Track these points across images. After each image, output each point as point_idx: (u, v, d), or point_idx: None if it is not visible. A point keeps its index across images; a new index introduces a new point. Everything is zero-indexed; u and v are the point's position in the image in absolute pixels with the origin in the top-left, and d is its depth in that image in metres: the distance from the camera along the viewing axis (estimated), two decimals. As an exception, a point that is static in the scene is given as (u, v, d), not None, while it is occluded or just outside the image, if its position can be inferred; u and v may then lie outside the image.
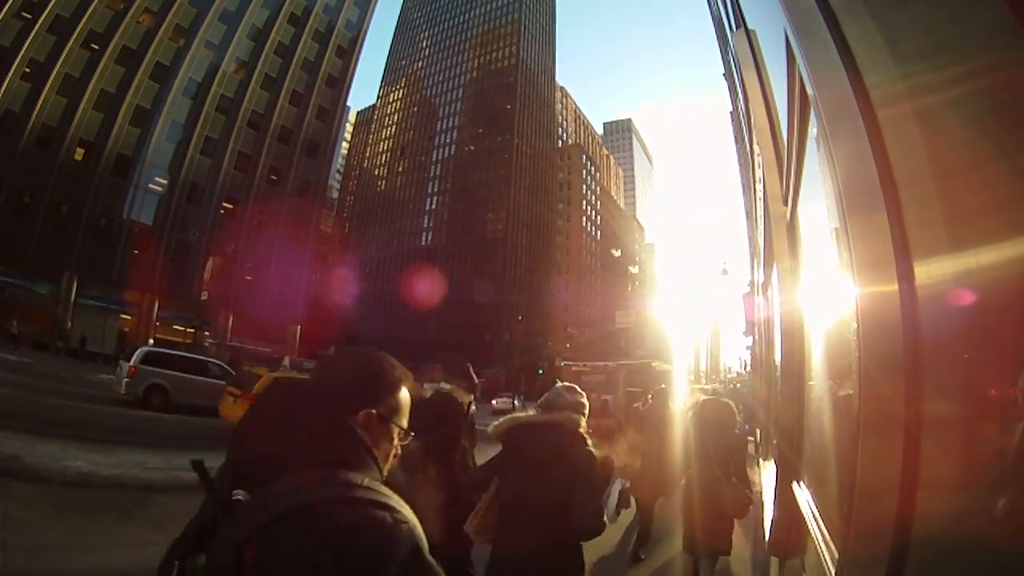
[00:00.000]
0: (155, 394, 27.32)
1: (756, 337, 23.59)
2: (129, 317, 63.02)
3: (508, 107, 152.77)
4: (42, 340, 52.09)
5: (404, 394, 2.31)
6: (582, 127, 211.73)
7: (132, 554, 8.11)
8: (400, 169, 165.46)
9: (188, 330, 61.53)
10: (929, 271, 1.43)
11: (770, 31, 4.01)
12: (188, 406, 26.84)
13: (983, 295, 1.28)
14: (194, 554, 2.02)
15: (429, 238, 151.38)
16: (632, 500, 9.13)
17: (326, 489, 1.86)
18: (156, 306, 62.67)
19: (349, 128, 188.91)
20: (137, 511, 9.49)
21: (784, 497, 5.56)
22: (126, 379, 27.08)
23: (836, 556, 2.56)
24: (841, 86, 1.79)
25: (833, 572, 2.51)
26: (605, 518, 4.80)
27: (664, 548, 11.26)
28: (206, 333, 63.71)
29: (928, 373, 1.45)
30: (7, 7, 53.99)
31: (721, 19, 18.92)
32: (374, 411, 2.15)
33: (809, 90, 2.53)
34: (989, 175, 1.27)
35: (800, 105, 3.41)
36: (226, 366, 31.27)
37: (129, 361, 27.82)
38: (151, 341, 59.94)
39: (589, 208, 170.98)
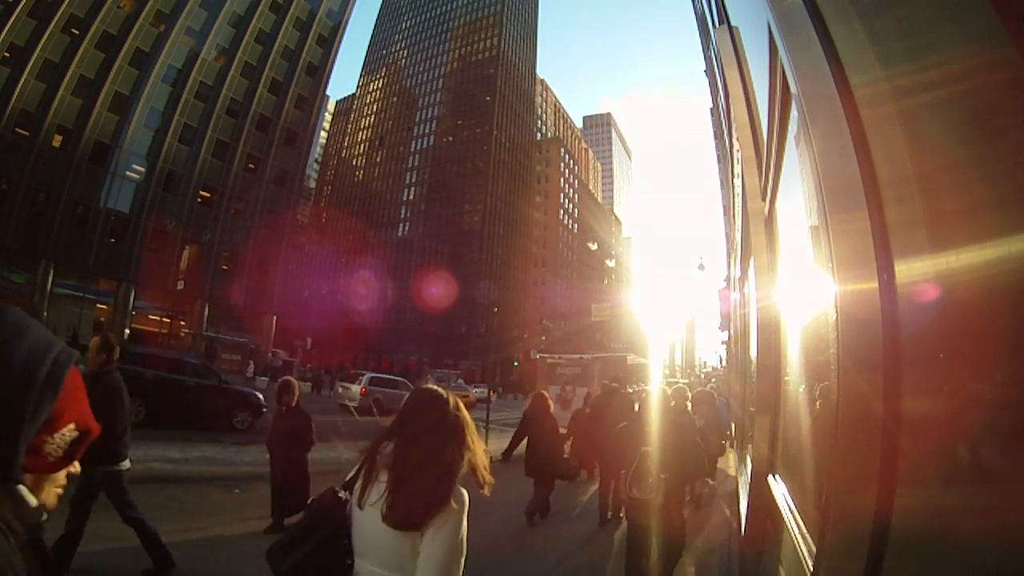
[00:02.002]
0: (376, 405, 39.73)
1: (732, 332, 23.67)
2: (105, 306, 62.11)
3: (488, 99, 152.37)
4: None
5: None
6: (562, 120, 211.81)
7: (110, 546, 8.10)
8: (378, 159, 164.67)
9: (164, 320, 61.10)
10: (909, 269, 1.45)
11: (753, 28, 4.02)
12: (391, 411, 35.36)
13: (962, 294, 1.30)
14: None
15: (406, 229, 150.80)
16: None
17: None
18: (132, 295, 62.18)
19: (328, 117, 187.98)
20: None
21: (759, 490, 5.60)
22: (360, 396, 42.22)
23: (813, 549, 2.57)
24: (825, 84, 1.80)
25: (810, 565, 2.53)
26: None
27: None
28: (182, 323, 63.25)
29: (907, 369, 1.47)
30: (-14, -9, 53.55)
31: (704, 15, 18.93)
32: None
33: (792, 88, 2.54)
34: (971, 177, 1.29)
35: (781, 102, 3.43)
36: (409, 383, 43.50)
37: (357, 384, 44.36)
38: (127, 332, 59.64)
39: (567, 201, 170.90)
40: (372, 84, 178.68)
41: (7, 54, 54.90)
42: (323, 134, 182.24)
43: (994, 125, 1.23)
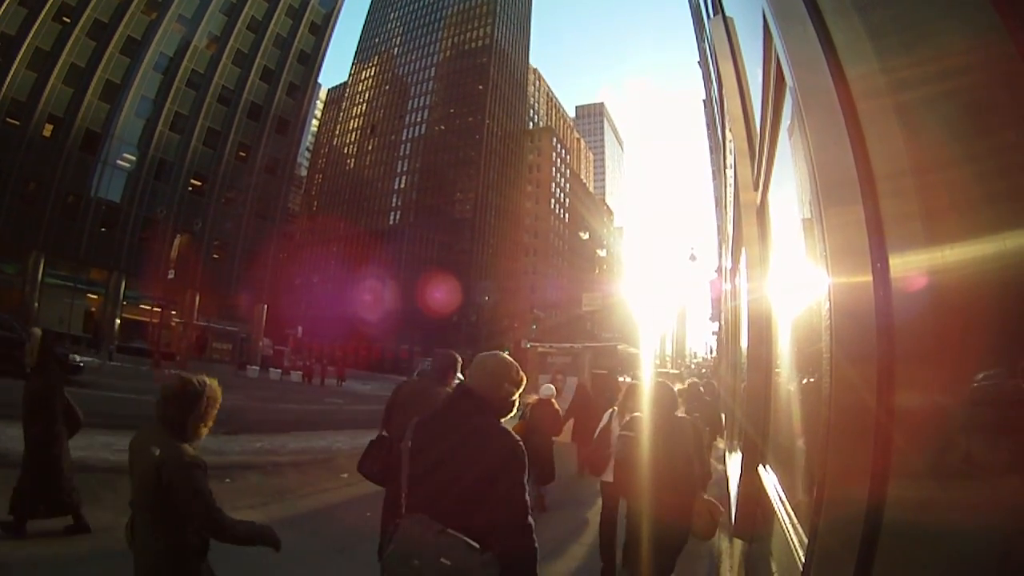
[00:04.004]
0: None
1: (722, 323, 23.71)
2: (96, 296, 62.20)
3: (480, 88, 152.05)
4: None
5: None
6: (554, 110, 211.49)
7: (100, 537, 8.05)
8: (370, 148, 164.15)
9: (155, 309, 60.84)
10: (904, 263, 1.45)
11: (748, 18, 4.02)
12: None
13: (956, 289, 1.30)
14: None
15: (397, 217, 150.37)
16: None
17: None
18: (123, 285, 62.07)
19: (319, 106, 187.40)
20: (105, 494, 9.36)
21: (750, 480, 5.61)
22: None
23: (804, 540, 2.58)
24: (821, 77, 1.79)
25: (802, 556, 2.53)
26: None
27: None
28: (173, 312, 63.11)
29: (900, 363, 1.47)
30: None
31: (699, 5, 18.95)
32: None
33: (788, 80, 2.53)
34: (968, 172, 1.29)
35: (775, 94, 3.42)
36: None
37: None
38: (118, 321, 59.63)
39: (558, 191, 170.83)
40: (364, 72, 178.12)
41: (-3, 43, 54.66)
42: (315, 122, 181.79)
43: (991, 120, 1.23)
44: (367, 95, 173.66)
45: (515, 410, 4.14)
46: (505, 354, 4.30)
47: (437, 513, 3.61)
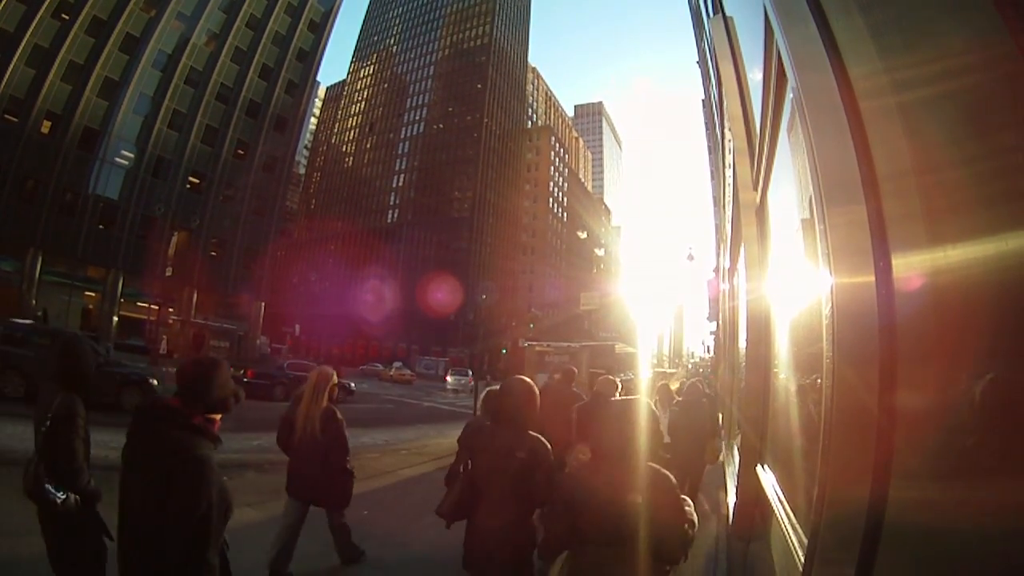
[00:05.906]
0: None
1: (720, 323, 23.71)
2: (94, 294, 61.85)
3: (479, 86, 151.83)
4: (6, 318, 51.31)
5: None
6: (553, 109, 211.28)
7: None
8: (368, 146, 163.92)
9: (153, 307, 60.75)
10: (907, 264, 1.44)
11: (749, 17, 4.01)
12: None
13: (960, 290, 1.29)
14: None
15: (395, 215, 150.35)
16: None
17: None
18: (121, 283, 61.90)
19: (318, 103, 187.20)
20: (103, 491, 9.35)
21: (748, 479, 5.61)
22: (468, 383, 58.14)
23: (804, 540, 2.57)
24: (824, 76, 1.79)
25: (802, 556, 2.52)
26: None
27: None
28: (170, 310, 62.92)
29: (902, 363, 1.47)
30: (-24, -24, 53.08)
31: (698, 5, 18.90)
32: None
33: (789, 79, 2.53)
34: (972, 172, 1.28)
35: (776, 93, 3.41)
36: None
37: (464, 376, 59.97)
38: (115, 319, 59.44)
39: (556, 190, 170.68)
40: (363, 70, 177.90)
41: (-4, 40, 54.50)
42: (313, 120, 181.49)
43: (995, 120, 1.22)
44: (366, 93, 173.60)
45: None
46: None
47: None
